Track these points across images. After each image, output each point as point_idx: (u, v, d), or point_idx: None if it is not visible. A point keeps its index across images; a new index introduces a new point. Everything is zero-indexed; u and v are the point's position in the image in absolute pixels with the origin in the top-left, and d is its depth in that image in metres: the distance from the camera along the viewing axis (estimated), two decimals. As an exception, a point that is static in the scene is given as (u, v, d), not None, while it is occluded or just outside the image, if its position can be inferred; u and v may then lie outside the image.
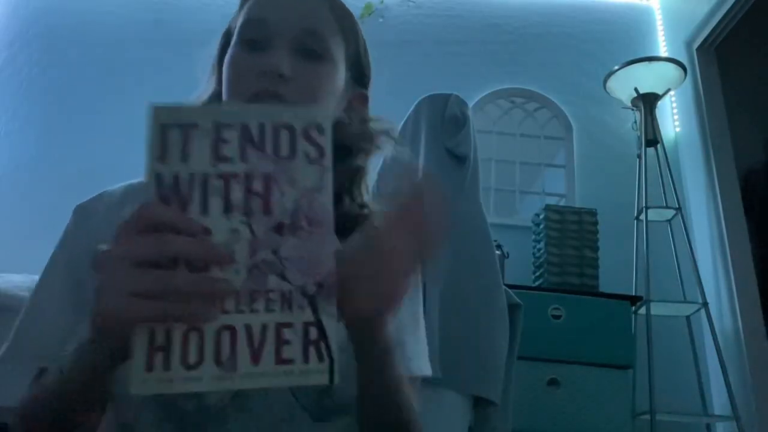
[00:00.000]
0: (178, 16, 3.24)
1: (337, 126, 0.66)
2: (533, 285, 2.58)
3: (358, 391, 0.60)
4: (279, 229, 0.44)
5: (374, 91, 0.80)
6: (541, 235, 2.60)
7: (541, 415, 2.10)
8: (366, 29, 0.79)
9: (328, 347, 0.43)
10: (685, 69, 2.68)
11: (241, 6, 0.75)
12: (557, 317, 2.23)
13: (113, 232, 0.56)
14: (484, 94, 3.12)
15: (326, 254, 0.45)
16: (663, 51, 3.23)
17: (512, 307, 1.57)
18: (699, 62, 3.00)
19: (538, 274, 2.60)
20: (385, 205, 0.49)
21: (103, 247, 0.42)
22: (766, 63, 3.44)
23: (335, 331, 0.44)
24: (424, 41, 3.22)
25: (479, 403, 1.50)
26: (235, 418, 0.63)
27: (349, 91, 0.75)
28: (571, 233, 2.56)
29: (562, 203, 2.92)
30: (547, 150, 3.09)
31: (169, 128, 0.44)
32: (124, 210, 0.67)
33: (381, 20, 3.20)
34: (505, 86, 3.15)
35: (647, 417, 2.19)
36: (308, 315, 0.44)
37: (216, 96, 0.74)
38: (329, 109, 0.46)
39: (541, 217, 2.61)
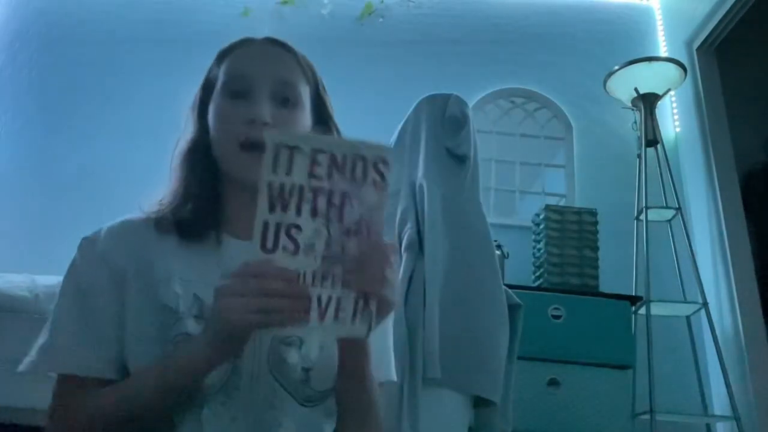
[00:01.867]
0: (178, 16, 3.24)
1: None
2: (533, 285, 2.58)
3: (339, 384, 0.75)
4: (347, 233, 0.60)
5: (375, 91, 0.81)
6: (541, 235, 2.60)
7: (541, 415, 2.10)
8: (366, 29, 0.80)
9: (370, 315, 0.61)
10: (685, 69, 2.68)
11: (219, 61, 0.87)
12: (557, 317, 2.23)
13: (114, 261, 0.79)
14: (484, 94, 3.12)
15: (378, 254, 0.62)
16: (663, 51, 3.23)
17: (512, 307, 1.57)
18: (699, 62, 3.00)
19: (538, 274, 2.60)
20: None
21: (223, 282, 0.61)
22: (766, 63, 3.44)
23: (376, 306, 0.62)
24: (424, 41, 3.22)
25: (479, 403, 1.50)
26: (222, 401, 0.72)
27: (313, 128, 0.88)
28: (571, 233, 2.56)
29: (562, 203, 2.92)
30: (547, 150, 3.09)
31: (281, 148, 0.60)
32: (121, 243, 0.80)
33: (381, 20, 3.19)
34: (505, 86, 3.15)
35: (647, 417, 2.19)
36: (359, 293, 0.61)
37: (198, 141, 0.85)
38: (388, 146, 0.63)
39: (541, 217, 2.61)
